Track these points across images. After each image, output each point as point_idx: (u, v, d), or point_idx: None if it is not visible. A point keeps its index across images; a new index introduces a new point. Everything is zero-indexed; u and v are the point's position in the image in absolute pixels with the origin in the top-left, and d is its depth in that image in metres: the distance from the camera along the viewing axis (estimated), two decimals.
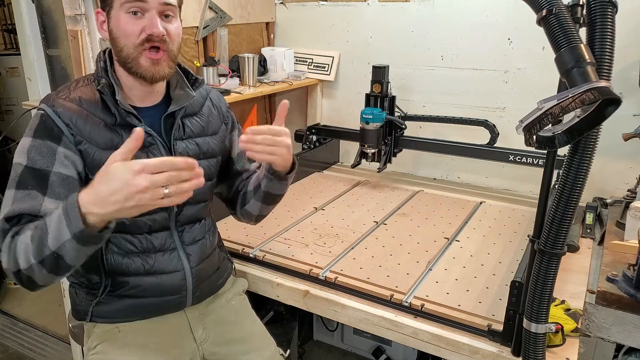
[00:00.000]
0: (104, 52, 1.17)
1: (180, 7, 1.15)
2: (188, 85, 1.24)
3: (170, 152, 1.20)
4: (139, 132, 0.88)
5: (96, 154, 1.10)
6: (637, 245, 1.29)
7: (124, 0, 1.05)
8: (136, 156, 1.03)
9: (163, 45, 1.09)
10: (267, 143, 1.14)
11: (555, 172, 1.12)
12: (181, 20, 1.16)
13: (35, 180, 1.05)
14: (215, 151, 1.30)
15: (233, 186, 1.41)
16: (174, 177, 0.87)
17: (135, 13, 1.06)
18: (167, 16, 1.09)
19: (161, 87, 1.21)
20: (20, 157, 1.07)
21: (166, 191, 0.87)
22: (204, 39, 2.22)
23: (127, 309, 1.21)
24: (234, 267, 1.50)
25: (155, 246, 1.19)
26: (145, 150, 1.15)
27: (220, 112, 1.34)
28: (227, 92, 2.06)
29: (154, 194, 0.86)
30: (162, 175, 0.86)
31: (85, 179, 1.11)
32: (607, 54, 0.87)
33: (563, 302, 1.30)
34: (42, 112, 1.10)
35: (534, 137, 0.89)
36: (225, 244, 1.52)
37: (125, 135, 1.12)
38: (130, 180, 0.84)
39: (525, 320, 1.07)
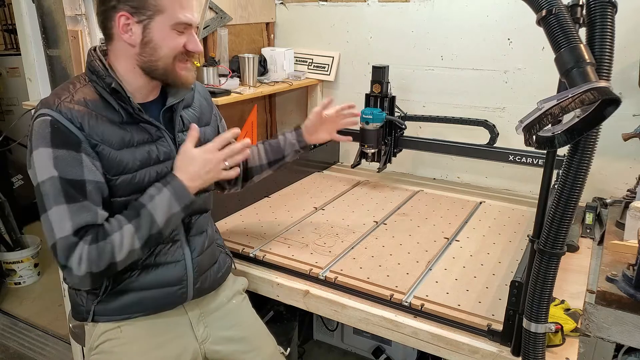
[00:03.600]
0: (95, 49, 1.16)
1: None
2: None
3: (174, 143, 1.22)
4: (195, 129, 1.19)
5: (111, 154, 1.11)
6: (637, 245, 1.29)
7: (176, 22, 1.11)
8: (147, 149, 1.18)
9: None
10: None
11: (555, 172, 1.12)
12: None
13: (77, 191, 1.07)
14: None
15: None
16: (230, 151, 1.20)
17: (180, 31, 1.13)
18: None
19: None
20: (48, 172, 1.05)
21: (226, 164, 1.19)
22: (204, 39, 2.22)
23: (128, 305, 1.21)
24: (233, 262, 1.50)
25: None
26: (154, 143, 1.18)
27: (208, 102, 1.38)
28: (227, 92, 2.06)
29: (221, 165, 1.18)
30: (223, 152, 1.19)
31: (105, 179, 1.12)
32: (607, 54, 0.87)
33: (563, 302, 1.30)
34: (50, 118, 1.06)
35: (534, 137, 0.89)
36: (226, 243, 1.52)
37: (133, 131, 1.15)
38: (209, 158, 1.17)
39: (525, 320, 1.07)
